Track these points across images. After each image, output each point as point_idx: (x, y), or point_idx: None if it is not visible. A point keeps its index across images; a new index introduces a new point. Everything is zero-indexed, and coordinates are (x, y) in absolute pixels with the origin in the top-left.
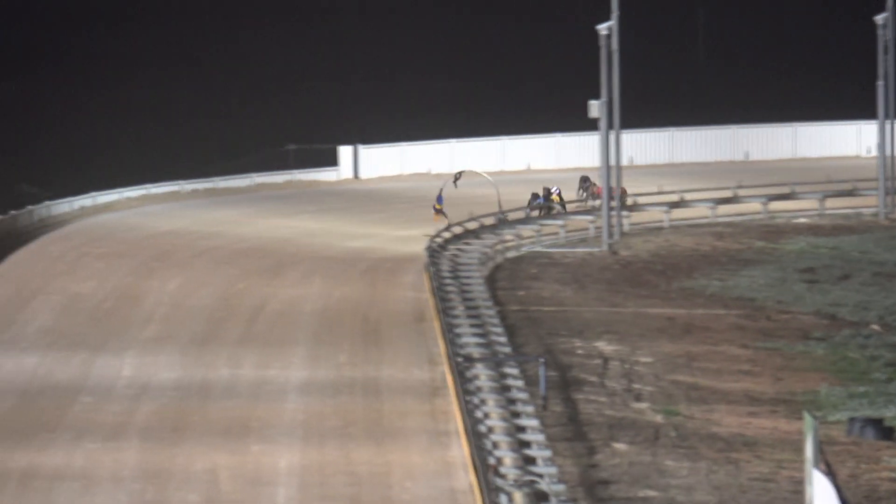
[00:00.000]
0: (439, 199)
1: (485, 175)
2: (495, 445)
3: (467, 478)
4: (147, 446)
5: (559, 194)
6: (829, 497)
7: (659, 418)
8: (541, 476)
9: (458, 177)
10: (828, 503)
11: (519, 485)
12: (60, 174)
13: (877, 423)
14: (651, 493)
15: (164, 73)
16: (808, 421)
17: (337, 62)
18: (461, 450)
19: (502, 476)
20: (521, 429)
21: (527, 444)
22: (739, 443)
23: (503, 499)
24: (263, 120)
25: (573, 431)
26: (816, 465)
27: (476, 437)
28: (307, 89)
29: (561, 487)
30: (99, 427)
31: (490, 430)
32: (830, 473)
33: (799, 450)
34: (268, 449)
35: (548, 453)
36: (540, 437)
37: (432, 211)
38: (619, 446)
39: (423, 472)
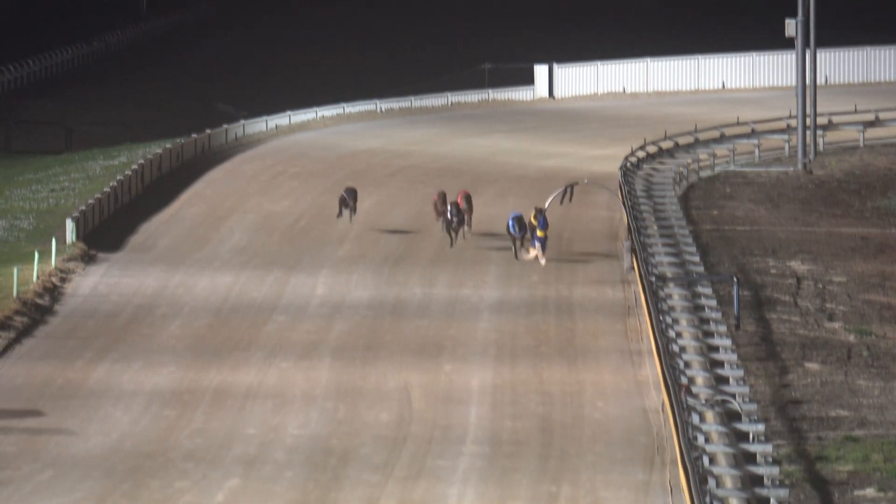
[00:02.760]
0: (541, 222)
1: (604, 186)
2: (687, 365)
3: (659, 397)
4: (339, 365)
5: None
6: None
7: (851, 338)
8: (732, 395)
9: (569, 191)
10: None
11: (711, 404)
12: (256, 93)
13: None
14: (843, 412)
15: None
16: None
17: None
18: (653, 369)
19: (694, 395)
20: (714, 348)
21: (719, 364)
22: None
23: (695, 418)
24: (460, 39)
25: (765, 351)
26: None
27: (668, 357)
28: (504, 7)
29: (753, 407)
30: (292, 346)
31: (682, 349)
32: None
33: None
34: (460, 368)
35: (740, 373)
36: (732, 357)
37: (522, 250)
38: (812, 366)
39: (614, 391)
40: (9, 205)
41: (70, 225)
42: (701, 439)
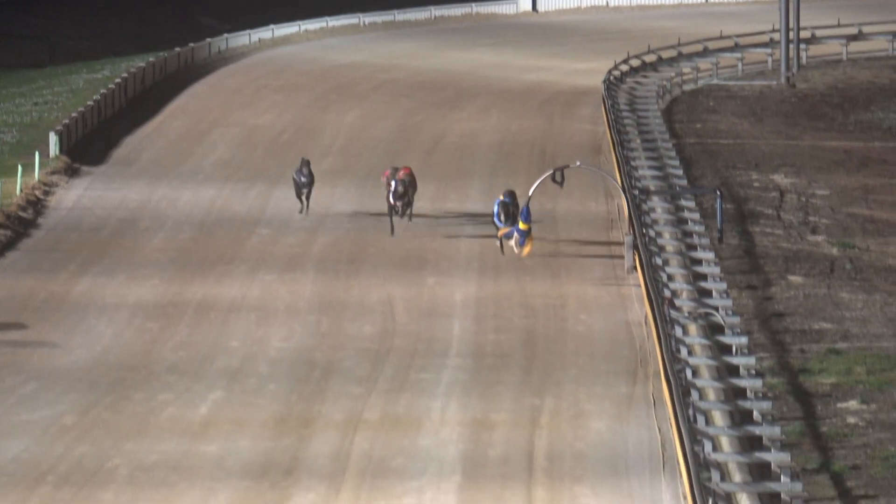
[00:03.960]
0: (524, 214)
1: (596, 168)
2: (670, 278)
3: (642, 310)
4: (323, 278)
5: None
6: None
7: (834, 251)
8: (715, 308)
9: (560, 174)
10: None
11: (694, 317)
12: (240, 7)
13: None
14: (826, 325)
15: None
16: None
17: None
18: (637, 283)
19: (677, 308)
20: (697, 261)
21: (702, 277)
22: None
23: (678, 330)
24: None
25: (748, 264)
26: None
27: (651, 270)
28: None
29: (735, 320)
30: (275, 259)
31: (665, 262)
32: None
33: None
34: (444, 281)
35: (723, 286)
36: (715, 270)
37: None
38: (795, 279)
39: (598, 305)
40: None
41: (53, 138)
42: (684, 352)
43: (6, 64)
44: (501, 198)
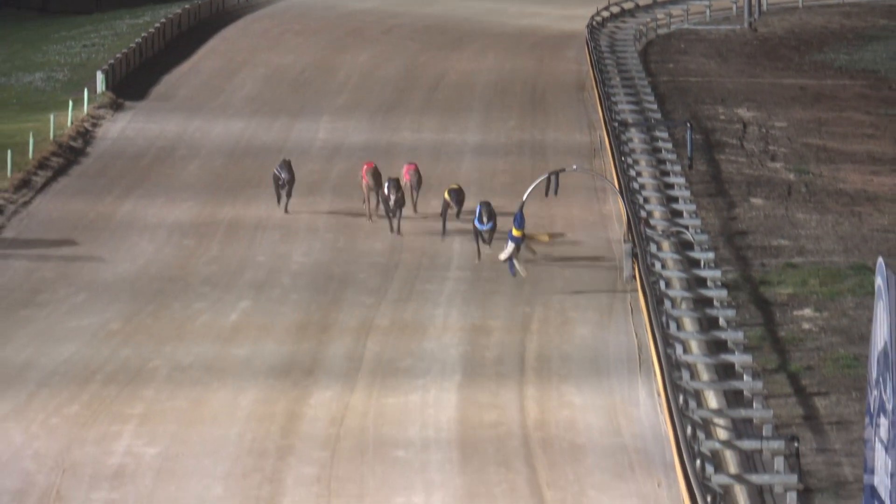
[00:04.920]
0: (517, 219)
1: (593, 171)
2: (646, 200)
3: (621, 228)
4: (339, 201)
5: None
6: None
7: (791, 176)
8: (686, 227)
9: (554, 180)
10: None
11: (666, 235)
12: None
13: None
14: (783, 242)
15: None
16: None
17: None
18: (616, 204)
19: (652, 227)
20: (669, 186)
21: (674, 200)
22: (862, 198)
23: (652, 247)
24: None
25: (715, 188)
26: None
27: (630, 193)
28: None
29: (704, 237)
30: (297, 183)
31: (642, 187)
32: None
33: None
34: None
35: (692, 207)
36: (686, 193)
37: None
38: (756, 201)
39: (582, 224)
40: (46, 59)
41: (100, 77)
42: (658, 266)
43: (57, 10)
44: (483, 201)
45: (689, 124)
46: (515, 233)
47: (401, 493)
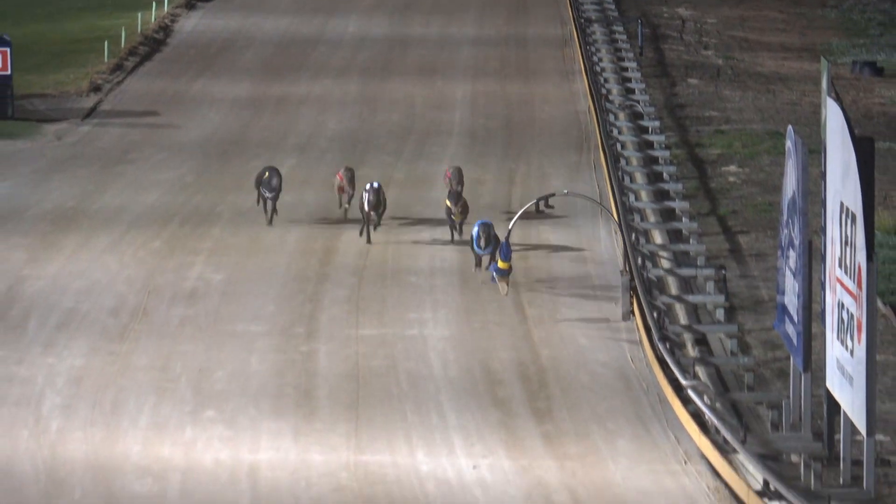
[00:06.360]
0: (503, 250)
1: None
2: (606, 80)
3: (586, 102)
4: (363, 80)
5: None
6: (837, 116)
7: (720, 61)
8: (637, 101)
9: (545, 202)
10: (836, 120)
11: (622, 107)
12: None
13: (871, 65)
14: (713, 113)
15: None
16: (823, 63)
17: None
18: (582, 84)
19: (610, 101)
20: (624, 69)
21: (628, 80)
22: (776, 78)
23: (611, 117)
24: None
25: (660, 70)
26: (829, 94)
27: (592, 75)
28: None
29: (651, 109)
30: (331, 68)
31: (603, 70)
32: (838, 100)
33: (817, 83)
34: (448, 83)
35: (642, 86)
36: (637, 75)
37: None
38: (692, 81)
39: (556, 98)
40: None
41: None
42: (615, 132)
43: None
44: (481, 220)
45: (640, 20)
46: (501, 265)
47: (413, 310)
